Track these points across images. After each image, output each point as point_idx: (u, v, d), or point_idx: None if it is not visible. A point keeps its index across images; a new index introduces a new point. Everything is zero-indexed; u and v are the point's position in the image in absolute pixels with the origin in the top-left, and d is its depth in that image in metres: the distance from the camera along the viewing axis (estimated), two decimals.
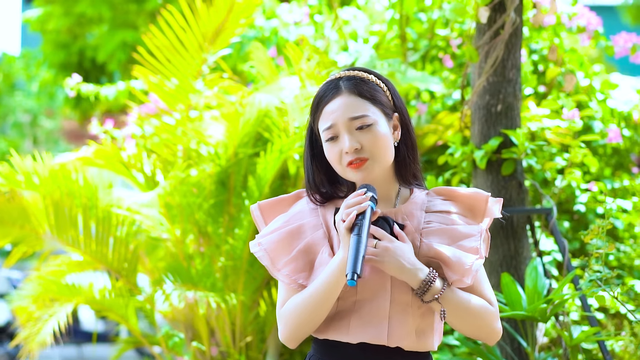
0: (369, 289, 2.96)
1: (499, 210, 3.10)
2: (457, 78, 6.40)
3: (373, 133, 2.98)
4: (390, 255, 2.88)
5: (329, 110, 3.00)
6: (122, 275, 6.03)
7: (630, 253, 6.00)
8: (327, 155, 3.02)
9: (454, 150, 5.25)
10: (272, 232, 3.07)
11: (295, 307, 2.96)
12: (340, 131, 2.98)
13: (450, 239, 3.00)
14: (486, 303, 3.01)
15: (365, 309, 2.95)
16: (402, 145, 3.07)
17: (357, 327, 2.95)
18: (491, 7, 4.99)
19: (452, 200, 3.10)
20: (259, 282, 6.00)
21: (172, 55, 6.18)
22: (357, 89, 3.01)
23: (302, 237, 3.04)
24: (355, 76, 3.05)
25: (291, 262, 3.02)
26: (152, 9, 13.37)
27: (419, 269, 2.91)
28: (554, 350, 5.14)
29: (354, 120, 2.97)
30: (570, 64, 6.31)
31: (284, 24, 7.25)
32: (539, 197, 5.77)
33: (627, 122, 6.38)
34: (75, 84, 7.22)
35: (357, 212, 2.85)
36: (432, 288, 2.91)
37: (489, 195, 3.08)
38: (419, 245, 2.99)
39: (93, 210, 6.01)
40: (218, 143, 5.97)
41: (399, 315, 2.95)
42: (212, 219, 5.98)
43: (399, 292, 2.95)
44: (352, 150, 2.95)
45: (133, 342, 6.59)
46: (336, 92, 3.02)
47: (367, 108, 3.00)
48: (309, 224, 3.06)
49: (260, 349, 6.14)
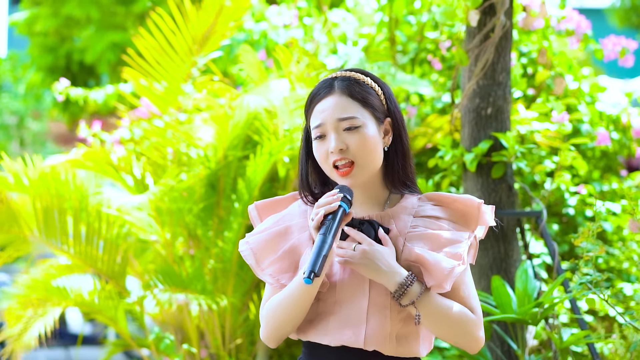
0: (347, 290, 2.97)
1: (492, 218, 3.07)
2: (446, 81, 6.41)
3: (360, 135, 2.98)
4: (368, 258, 2.89)
5: (319, 109, 3.01)
6: (111, 278, 6.01)
7: (619, 256, 6.02)
8: (315, 153, 3.04)
9: (444, 153, 5.26)
10: (261, 232, 3.08)
11: (274, 308, 2.98)
12: (328, 130, 2.99)
13: (435, 244, 2.98)
14: (467, 311, 2.97)
15: (344, 311, 2.96)
16: (392, 150, 3.06)
17: (335, 328, 2.96)
18: (481, 10, 5.00)
19: (444, 206, 3.09)
20: (249, 285, 6.00)
21: (161, 58, 6.18)
22: (349, 90, 3.01)
23: (289, 239, 3.05)
24: (350, 77, 3.05)
25: (276, 262, 3.03)
26: (140, 11, 13.34)
27: (397, 272, 2.91)
28: (544, 352, 5.15)
29: (342, 121, 2.98)
30: (559, 67, 6.32)
31: (273, 26, 7.25)
32: (528, 200, 5.78)
33: (615, 125, 6.40)
34: (63, 88, 7.21)
35: (326, 212, 2.86)
36: (409, 292, 2.91)
37: (482, 203, 3.06)
38: (402, 249, 2.98)
39: (83, 213, 5.99)
40: (208, 146, 5.97)
41: (377, 318, 2.94)
42: (201, 222, 5.98)
43: (377, 294, 2.95)
44: (337, 151, 2.96)
45: (122, 345, 6.57)
46: (329, 91, 3.02)
47: (356, 110, 3.00)
48: (296, 226, 3.07)
49: (249, 351, 6.14)
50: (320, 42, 6.83)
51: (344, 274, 2.98)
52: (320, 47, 6.79)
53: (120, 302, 6.02)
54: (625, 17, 18.19)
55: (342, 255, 2.91)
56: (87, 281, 6.24)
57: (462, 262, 2.95)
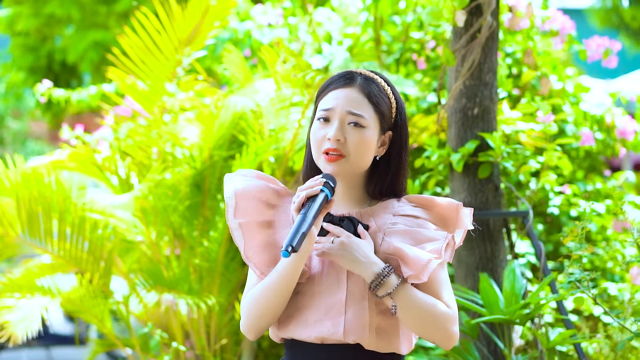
0: (325, 283, 3.02)
1: (470, 221, 3.11)
2: (431, 81, 6.41)
3: (361, 135, 3.04)
4: (346, 249, 2.94)
5: (334, 95, 3.07)
6: (96, 277, 5.99)
7: (603, 256, 6.05)
8: (312, 133, 3.09)
9: (430, 153, 5.26)
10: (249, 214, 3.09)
11: (255, 298, 3.01)
12: (335, 117, 3.05)
13: (413, 240, 3.03)
14: (443, 305, 3.00)
15: (323, 303, 3.00)
16: (383, 162, 3.13)
17: (315, 321, 2.99)
18: (468, 11, 5.01)
19: (423, 207, 3.13)
20: (234, 285, 6.00)
21: (146, 57, 6.16)
22: (368, 90, 3.08)
23: (273, 232, 3.09)
24: (374, 79, 3.12)
25: (260, 253, 3.06)
26: (123, 10, 13.29)
27: (374, 263, 2.95)
28: (530, 352, 5.17)
29: (351, 115, 3.04)
30: (544, 67, 6.34)
31: (258, 25, 7.24)
32: (512, 200, 5.79)
33: (599, 125, 6.43)
34: (46, 90, 7.17)
35: (307, 195, 2.92)
36: (386, 282, 2.95)
37: (461, 205, 3.11)
38: (380, 243, 3.03)
39: (67, 213, 5.96)
40: (193, 145, 5.96)
41: (355, 309, 2.98)
42: (187, 222, 5.97)
43: (355, 286, 3.00)
44: (335, 140, 3.02)
45: (107, 345, 6.55)
46: (350, 82, 3.09)
47: (368, 111, 3.07)
48: (280, 221, 3.10)
49: (235, 351, 6.13)
50: (305, 42, 6.83)
51: (322, 267, 3.03)
52: (305, 47, 6.79)
53: (105, 302, 6.00)
54: (606, 18, 18.26)
55: (321, 247, 2.96)
56: (72, 281, 6.21)
57: (439, 256, 2.99)
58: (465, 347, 4.76)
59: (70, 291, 6.03)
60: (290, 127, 5.94)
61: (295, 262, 2.94)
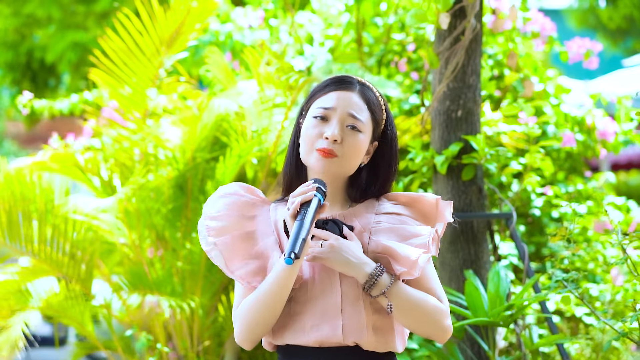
0: (319, 287, 3.01)
1: (450, 214, 3.13)
2: (413, 82, 6.43)
3: (357, 138, 3.05)
4: (336, 251, 2.95)
5: (336, 96, 3.08)
6: (77, 280, 5.96)
7: (584, 257, 6.07)
8: (305, 130, 3.08)
9: (414, 156, 5.27)
10: (227, 232, 3.07)
11: (249, 307, 2.99)
12: (334, 118, 3.06)
13: (399, 237, 3.05)
14: (435, 300, 3.03)
15: (318, 308, 2.99)
16: (367, 171, 3.15)
17: (312, 326, 2.99)
18: (452, 13, 5.02)
19: (403, 204, 3.15)
20: (217, 287, 5.98)
21: (128, 59, 6.14)
22: (368, 97, 3.11)
23: (255, 243, 3.06)
24: (370, 87, 3.15)
25: (245, 265, 3.03)
26: (102, 11, 13.23)
27: (366, 263, 2.96)
28: (513, 353, 5.19)
29: (352, 118, 3.06)
30: (525, 69, 6.37)
31: (238, 28, 7.22)
32: (495, 202, 5.81)
33: (580, 126, 6.46)
34: (27, 101, 7.13)
35: (302, 201, 2.92)
36: (379, 282, 2.96)
37: (439, 199, 3.13)
38: (368, 243, 3.04)
39: (48, 215, 5.93)
40: (176, 147, 5.94)
41: (351, 310, 2.98)
42: (169, 224, 5.95)
43: (349, 288, 3.00)
44: (332, 140, 3.02)
45: (88, 347, 6.52)
46: (350, 86, 3.11)
47: (366, 116, 3.09)
48: (261, 231, 3.09)
49: (218, 353, 6.12)
50: (287, 44, 6.82)
51: (313, 272, 3.02)
52: (287, 49, 6.79)
53: (87, 304, 5.97)
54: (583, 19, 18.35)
55: (311, 252, 2.96)
56: (53, 284, 6.18)
57: (428, 250, 3.01)
58: (449, 349, 4.78)
59: (50, 295, 6.00)
60: (273, 128, 5.94)
61: (291, 268, 2.93)
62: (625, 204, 6.42)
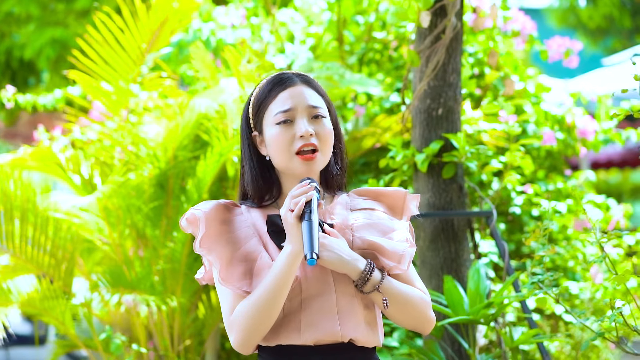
0: (312, 286, 3.00)
1: (416, 206, 3.18)
2: (393, 81, 6.43)
3: (325, 125, 3.06)
4: (328, 250, 2.94)
5: (286, 95, 3.04)
6: (58, 279, 5.94)
7: (564, 255, 6.10)
8: (273, 140, 3.03)
9: (395, 154, 5.27)
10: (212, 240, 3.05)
11: (247, 311, 2.94)
12: (297, 116, 3.03)
13: (380, 232, 3.07)
14: (419, 291, 3.07)
15: (314, 307, 2.98)
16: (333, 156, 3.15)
17: (308, 326, 2.97)
18: (432, 12, 5.03)
19: (374, 199, 3.18)
20: (198, 285, 5.97)
21: (109, 56, 6.13)
22: (312, 84, 3.10)
23: (239, 246, 3.03)
24: (306, 75, 3.13)
25: (233, 269, 3.00)
26: (82, 9, 13.17)
27: (358, 260, 2.97)
28: (493, 351, 5.20)
29: (312, 108, 3.05)
30: (506, 68, 6.39)
31: (220, 26, 7.21)
32: (475, 200, 5.83)
33: (560, 125, 6.49)
34: (11, 95, 7.10)
35: (306, 200, 2.90)
36: (372, 278, 2.98)
37: (407, 192, 3.17)
38: (352, 239, 3.05)
39: (29, 213, 5.91)
40: (157, 145, 5.93)
41: (347, 307, 2.99)
42: (150, 222, 5.94)
43: (342, 284, 3.00)
44: (308, 135, 3.00)
45: (68, 346, 6.50)
46: (292, 82, 3.07)
47: (321, 102, 3.08)
48: (242, 234, 3.06)
49: (198, 351, 6.12)
50: (268, 42, 6.82)
51: (304, 272, 3.00)
52: (268, 47, 6.78)
53: (67, 303, 5.95)
54: (563, 18, 18.42)
55: None
56: (33, 282, 6.16)
57: (411, 244, 3.07)
58: (430, 347, 4.78)
59: (31, 293, 5.98)
60: None
61: (293, 267, 2.91)
62: (605, 202, 6.46)
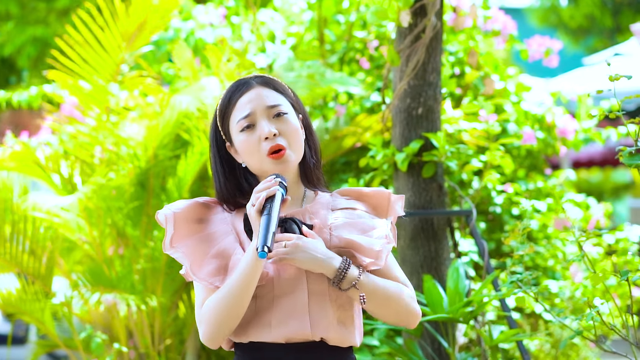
0: (285, 284, 3.02)
1: (401, 207, 3.20)
2: (374, 80, 6.44)
3: (289, 122, 3.09)
4: (302, 250, 2.96)
5: (245, 101, 3.08)
6: (37, 278, 5.92)
7: (544, 254, 6.12)
8: (242, 147, 3.08)
9: (375, 153, 5.28)
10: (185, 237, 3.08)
11: (214, 305, 2.98)
12: (258, 119, 3.06)
13: (359, 231, 3.09)
14: (402, 285, 3.09)
15: (285, 305, 3.00)
16: (306, 146, 3.17)
17: (279, 323, 2.99)
18: (412, 11, 5.03)
19: (357, 199, 3.20)
20: (178, 284, 5.96)
21: (89, 55, 6.11)
22: (269, 83, 3.13)
23: (214, 243, 3.07)
24: (265, 75, 3.17)
25: (206, 265, 3.03)
26: (63, 7, 13.14)
27: (333, 258, 2.99)
28: (473, 350, 5.22)
29: (271, 108, 3.07)
30: (486, 67, 6.40)
31: (200, 25, 7.20)
32: (456, 199, 5.84)
33: (540, 124, 6.50)
34: None
35: (267, 195, 2.92)
36: (348, 275, 2.99)
37: (391, 192, 3.20)
38: (330, 238, 3.07)
39: (7, 212, 5.88)
40: (137, 144, 5.91)
41: (318, 306, 3.01)
42: (130, 221, 5.92)
43: (315, 283, 3.02)
44: (272, 135, 3.03)
45: (49, 346, 6.48)
46: (249, 86, 3.11)
47: (280, 99, 3.11)
48: (219, 232, 3.09)
49: (179, 350, 6.11)
50: (249, 41, 6.81)
51: (278, 269, 3.03)
52: (249, 46, 6.78)
53: (47, 302, 5.93)
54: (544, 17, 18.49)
55: (276, 254, 2.96)
56: (12, 281, 6.13)
57: (389, 240, 3.08)
58: (409, 346, 4.80)
59: (10, 292, 5.95)
60: None
61: (258, 262, 2.92)
62: (585, 201, 6.48)
